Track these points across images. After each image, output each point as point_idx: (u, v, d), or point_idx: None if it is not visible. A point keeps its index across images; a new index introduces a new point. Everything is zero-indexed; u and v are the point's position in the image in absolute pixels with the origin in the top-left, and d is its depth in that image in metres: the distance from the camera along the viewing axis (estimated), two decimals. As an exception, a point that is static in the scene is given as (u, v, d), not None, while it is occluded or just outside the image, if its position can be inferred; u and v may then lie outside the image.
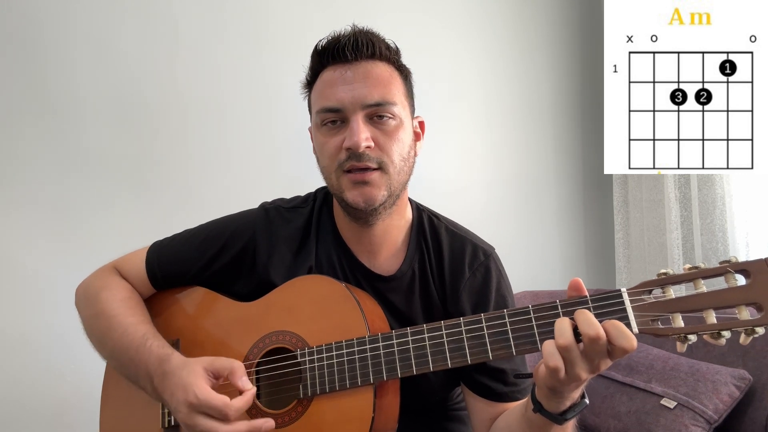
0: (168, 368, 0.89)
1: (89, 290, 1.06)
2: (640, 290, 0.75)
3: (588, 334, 0.70)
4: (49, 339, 1.67)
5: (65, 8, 1.75)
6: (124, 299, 1.03)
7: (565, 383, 0.74)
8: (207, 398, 0.82)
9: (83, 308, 1.06)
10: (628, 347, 0.70)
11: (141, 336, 0.95)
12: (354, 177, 0.94)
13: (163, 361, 0.90)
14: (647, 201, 2.32)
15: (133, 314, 1.00)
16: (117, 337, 0.97)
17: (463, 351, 0.83)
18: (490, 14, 2.48)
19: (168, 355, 0.91)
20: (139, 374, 0.93)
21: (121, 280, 1.07)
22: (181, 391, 0.84)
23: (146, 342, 0.94)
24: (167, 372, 0.88)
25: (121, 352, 0.96)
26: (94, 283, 1.07)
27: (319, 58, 0.99)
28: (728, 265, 0.71)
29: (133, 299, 1.05)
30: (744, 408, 1.45)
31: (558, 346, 0.72)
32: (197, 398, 0.82)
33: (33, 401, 1.65)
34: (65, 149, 1.73)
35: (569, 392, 0.77)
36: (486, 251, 1.06)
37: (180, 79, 1.90)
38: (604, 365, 0.73)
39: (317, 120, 0.98)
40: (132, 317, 0.99)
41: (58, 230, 1.72)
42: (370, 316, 0.92)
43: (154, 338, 0.95)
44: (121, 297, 1.03)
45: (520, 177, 2.52)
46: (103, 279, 1.07)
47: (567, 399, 0.78)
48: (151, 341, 0.94)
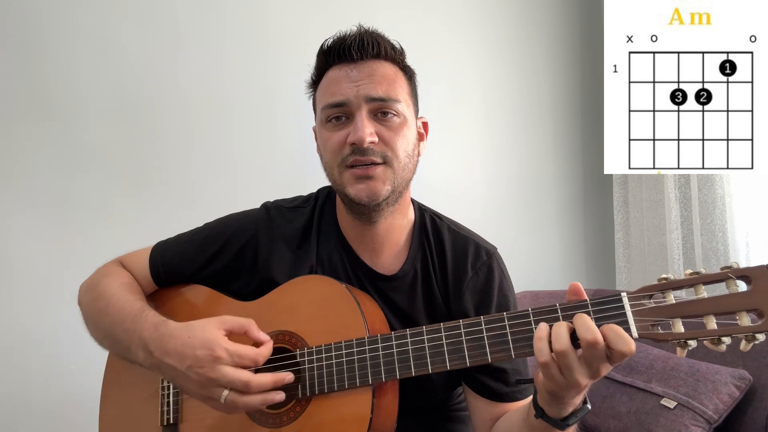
0: (166, 330, 0.88)
1: (92, 280, 1.07)
2: (640, 295, 0.75)
3: (586, 338, 0.70)
4: (52, 337, 1.67)
5: (67, 8, 1.74)
6: (124, 283, 1.03)
7: (565, 388, 0.74)
8: (238, 349, 0.84)
9: (84, 296, 1.06)
10: (626, 351, 0.69)
11: (138, 309, 0.95)
12: (357, 172, 0.94)
13: (158, 325, 0.90)
14: (647, 201, 2.32)
15: (131, 293, 1.01)
16: (113, 312, 0.96)
17: (462, 353, 0.83)
18: (490, 14, 2.48)
19: (163, 320, 0.91)
20: (131, 344, 0.92)
21: (123, 270, 1.08)
22: (201, 347, 0.84)
23: (142, 312, 0.94)
24: (165, 334, 0.88)
25: (115, 326, 0.95)
26: (96, 274, 1.08)
27: (325, 58, 1.00)
28: (729, 271, 0.70)
29: (133, 285, 1.05)
30: (744, 408, 1.45)
31: (555, 351, 0.72)
32: (227, 351, 0.83)
33: (35, 399, 1.65)
34: (67, 149, 1.73)
35: (570, 398, 0.77)
36: (488, 251, 1.06)
37: (182, 79, 1.90)
38: (604, 370, 0.73)
39: (322, 116, 0.99)
40: (130, 295, 1.00)
41: (61, 229, 1.72)
42: (369, 318, 0.92)
43: (150, 310, 0.95)
44: (121, 281, 1.04)
45: (520, 177, 2.52)
46: (106, 269, 1.08)
47: (569, 405, 0.78)
48: (146, 312, 0.94)
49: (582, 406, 0.80)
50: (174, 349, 0.86)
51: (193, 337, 0.85)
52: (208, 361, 0.83)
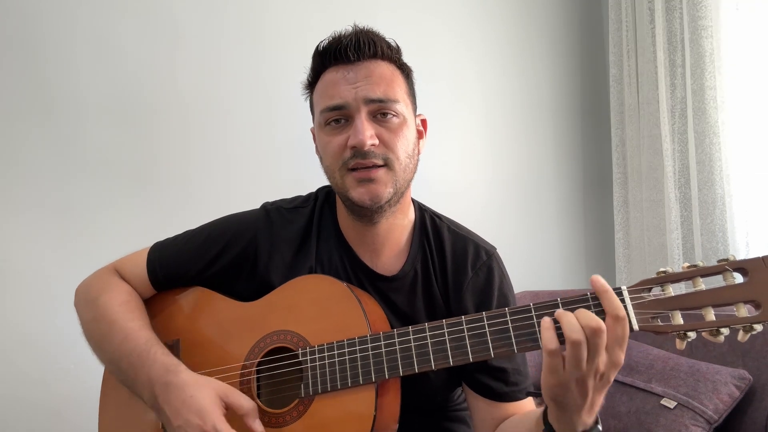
0: (174, 380, 0.89)
1: (89, 293, 1.06)
2: (640, 288, 0.75)
3: (590, 326, 0.71)
4: (52, 339, 1.67)
5: (66, 8, 1.75)
6: (123, 303, 1.02)
7: (568, 389, 0.73)
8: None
9: (82, 311, 1.05)
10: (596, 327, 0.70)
11: (144, 342, 0.94)
12: (359, 175, 0.94)
13: (168, 370, 0.90)
14: (647, 201, 2.32)
15: (132, 319, 1.00)
16: (117, 343, 0.96)
17: (465, 349, 0.83)
18: (490, 14, 2.48)
19: (175, 365, 0.91)
20: (137, 381, 0.92)
21: (120, 282, 1.07)
22: (195, 414, 0.85)
23: (150, 349, 0.93)
24: (172, 384, 0.88)
25: (120, 358, 0.95)
26: (93, 285, 1.07)
27: (321, 59, 0.99)
28: (726, 264, 0.71)
29: (132, 302, 1.04)
30: (744, 408, 1.45)
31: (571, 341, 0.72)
32: (215, 429, 0.84)
33: (34, 400, 1.64)
34: (66, 150, 1.73)
35: (577, 411, 0.76)
36: (488, 251, 1.06)
37: (181, 80, 1.90)
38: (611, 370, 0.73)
39: (321, 120, 0.98)
40: (132, 322, 0.99)
41: (60, 230, 1.72)
42: (371, 316, 0.92)
43: (158, 345, 0.95)
44: (120, 300, 1.02)
45: (520, 177, 2.52)
46: (103, 281, 1.06)
47: (578, 424, 0.78)
48: (155, 348, 0.94)
49: (593, 427, 0.79)
50: (173, 404, 0.87)
51: (193, 399, 0.86)
52: (196, 429, 0.84)
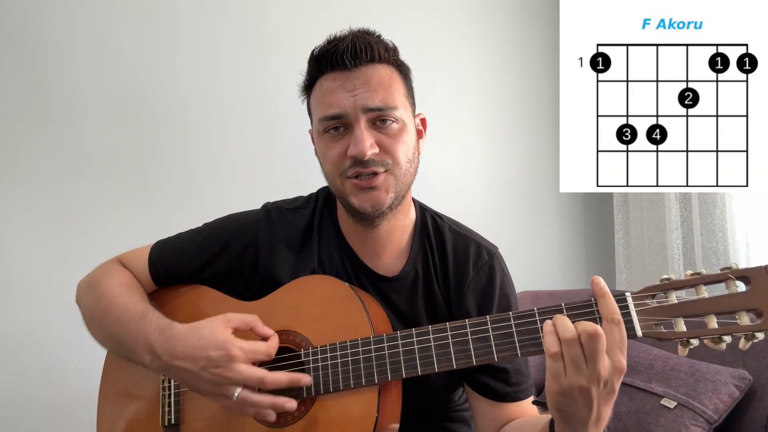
0: (172, 333, 0.89)
1: (91, 279, 1.07)
2: (643, 294, 0.76)
3: (587, 331, 0.71)
4: (51, 337, 1.67)
5: (66, 8, 1.75)
6: (125, 284, 1.03)
7: (571, 396, 0.73)
8: (252, 346, 0.87)
9: (84, 295, 1.05)
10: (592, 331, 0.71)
11: (141, 311, 0.95)
12: (360, 183, 0.94)
13: (164, 328, 0.90)
14: (647, 201, 2.32)
15: (133, 294, 1.01)
16: (116, 314, 0.96)
17: (468, 352, 0.83)
18: (490, 14, 2.48)
19: (168, 323, 0.91)
20: (136, 347, 0.92)
21: (123, 269, 1.07)
22: (213, 349, 0.85)
23: (146, 315, 0.93)
24: (172, 337, 0.88)
25: (119, 328, 0.95)
26: (96, 273, 1.08)
27: (317, 65, 0.97)
28: (729, 272, 0.72)
29: (134, 284, 1.05)
30: (744, 408, 1.46)
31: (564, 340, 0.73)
32: (242, 349, 0.85)
33: (34, 400, 1.65)
34: (66, 150, 1.73)
35: (583, 424, 0.76)
36: (490, 250, 1.06)
37: (181, 80, 1.90)
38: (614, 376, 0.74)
39: (319, 128, 0.98)
40: (131, 296, 1.00)
41: (60, 230, 1.72)
42: (374, 318, 0.93)
43: (154, 312, 0.95)
44: (122, 282, 1.03)
45: (520, 177, 2.52)
46: (105, 268, 1.08)
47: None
48: (150, 314, 0.94)
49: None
50: (184, 352, 0.86)
51: (204, 338, 0.86)
52: (224, 361, 0.84)
